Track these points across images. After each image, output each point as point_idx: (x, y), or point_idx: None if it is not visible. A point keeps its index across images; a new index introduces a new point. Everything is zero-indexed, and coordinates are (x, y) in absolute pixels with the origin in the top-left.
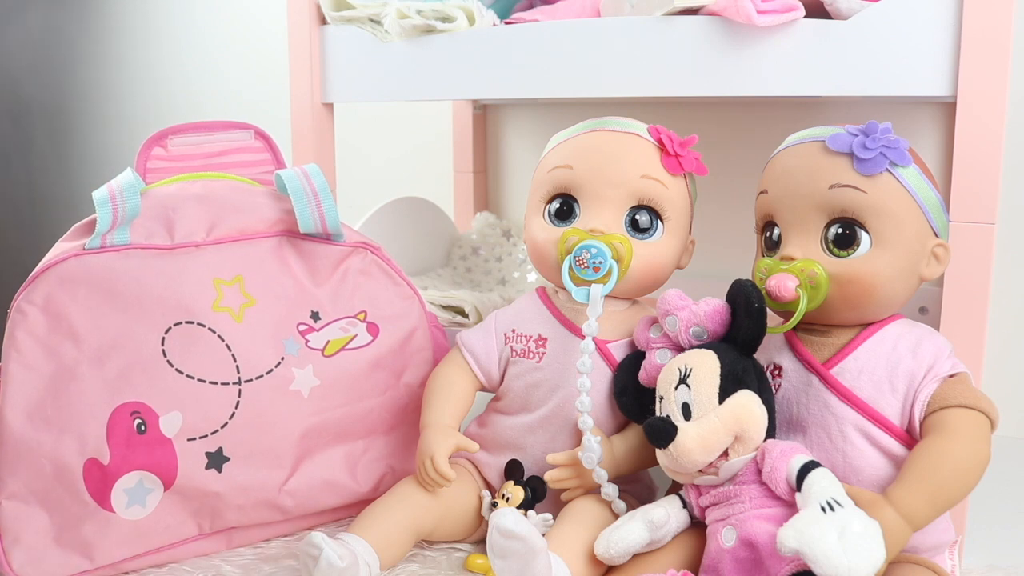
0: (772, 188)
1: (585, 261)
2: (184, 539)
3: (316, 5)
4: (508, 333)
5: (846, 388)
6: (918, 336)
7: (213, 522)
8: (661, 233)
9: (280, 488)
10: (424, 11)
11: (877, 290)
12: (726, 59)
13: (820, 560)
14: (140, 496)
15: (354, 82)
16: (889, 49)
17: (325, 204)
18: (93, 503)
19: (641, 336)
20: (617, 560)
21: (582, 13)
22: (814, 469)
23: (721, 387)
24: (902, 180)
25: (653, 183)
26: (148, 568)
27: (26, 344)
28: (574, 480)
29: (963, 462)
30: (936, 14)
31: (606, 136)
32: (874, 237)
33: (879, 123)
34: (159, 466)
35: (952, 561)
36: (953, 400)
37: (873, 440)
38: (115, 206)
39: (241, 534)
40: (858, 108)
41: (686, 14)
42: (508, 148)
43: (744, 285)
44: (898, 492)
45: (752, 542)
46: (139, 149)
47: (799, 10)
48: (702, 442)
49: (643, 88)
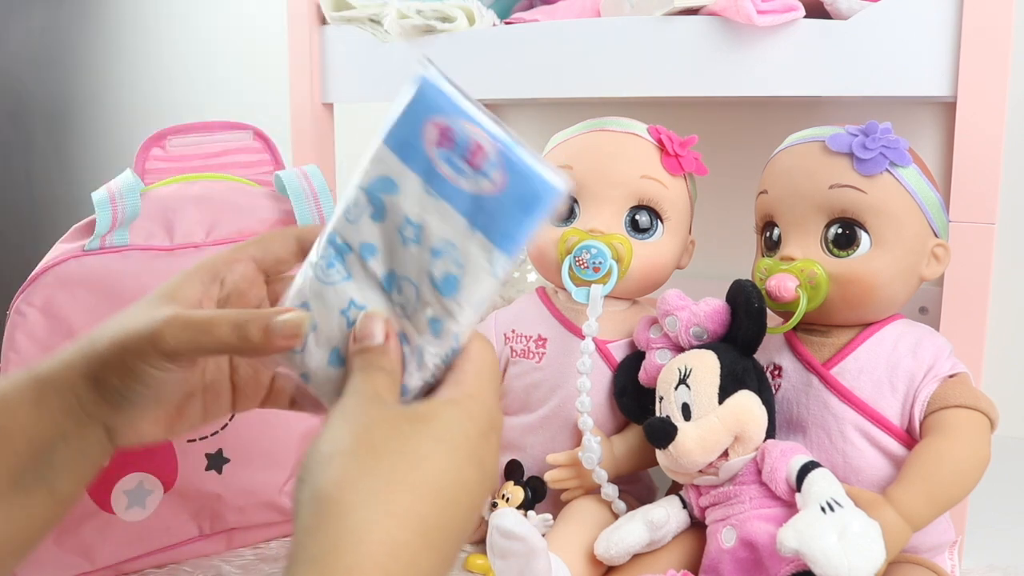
0: (772, 188)
1: (585, 261)
2: (184, 540)
3: (316, 5)
4: (508, 333)
5: (846, 388)
6: (918, 336)
7: (213, 523)
8: (661, 233)
9: (280, 489)
10: (424, 11)
11: (877, 290)
12: (726, 59)
13: (820, 560)
14: (140, 498)
15: (354, 82)
16: (889, 49)
17: (324, 205)
18: (93, 504)
19: (641, 336)
20: (617, 560)
21: (582, 13)
22: (814, 469)
23: (721, 387)
24: (902, 180)
25: (653, 183)
26: (148, 569)
27: (25, 346)
28: (574, 480)
29: (963, 462)
30: (936, 14)
31: (606, 136)
32: (874, 237)
33: (879, 123)
34: (159, 468)
35: (952, 561)
36: (953, 400)
37: (873, 440)
38: (115, 207)
39: (241, 535)
40: (858, 108)
41: (686, 14)
42: None
43: (744, 285)
44: (898, 492)
45: (752, 542)
46: (138, 150)
47: (799, 10)
48: (702, 442)
49: (643, 88)
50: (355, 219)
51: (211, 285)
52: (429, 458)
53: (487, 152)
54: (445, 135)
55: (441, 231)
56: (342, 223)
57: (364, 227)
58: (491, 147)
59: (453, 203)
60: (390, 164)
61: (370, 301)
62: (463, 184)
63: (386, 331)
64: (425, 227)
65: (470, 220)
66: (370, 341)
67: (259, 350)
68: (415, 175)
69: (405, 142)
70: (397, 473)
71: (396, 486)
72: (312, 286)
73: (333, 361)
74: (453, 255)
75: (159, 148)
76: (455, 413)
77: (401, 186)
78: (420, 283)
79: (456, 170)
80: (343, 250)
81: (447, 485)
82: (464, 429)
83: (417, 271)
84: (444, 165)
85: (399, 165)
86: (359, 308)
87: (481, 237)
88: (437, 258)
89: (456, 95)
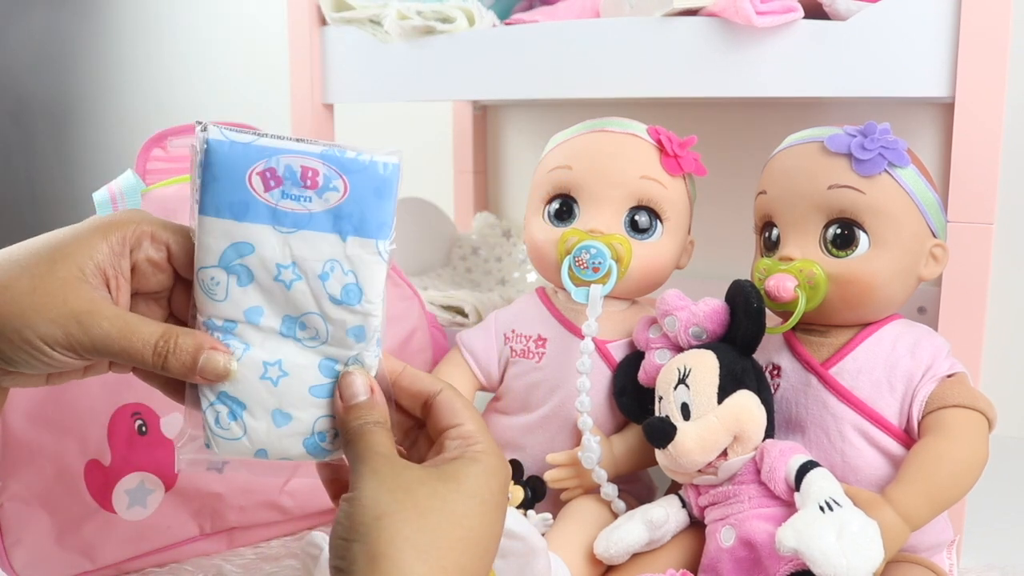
0: (771, 188)
1: (585, 261)
2: (185, 539)
3: (316, 6)
4: (508, 333)
5: (845, 388)
6: (916, 336)
7: (214, 522)
8: (660, 233)
9: (281, 489)
10: (424, 12)
11: (875, 290)
12: (725, 60)
13: (818, 559)
14: (141, 497)
15: (354, 83)
16: (887, 50)
17: None
18: (94, 504)
19: (640, 336)
20: (616, 560)
21: (582, 13)
22: (813, 469)
23: (720, 387)
24: (900, 181)
25: (652, 184)
26: (149, 568)
27: None
28: (574, 480)
29: (961, 462)
30: (934, 15)
31: (605, 137)
32: (872, 238)
33: (877, 124)
34: (160, 467)
35: (950, 560)
36: (951, 400)
37: (871, 440)
38: (116, 207)
39: (242, 534)
40: (857, 109)
41: (685, 15)
42: (508, 148)
43: (743, 285)
44: (896, 492)
45: (751, 542)
46: (139, 150)
47: (798, 11)
48: (701, 442)
49: (643, 88)
50: (223, 297)
51: (121, 257)
52: (468, 516)
53: (318, 170)
54: (270, 177)
55: (318, 255)
56: (212, 306)
57: (237, 297)
58: (319, 164)
59: (314, 228)
60: (231, 230)
61: (279, 354)
62: (313, 207)
63: (369, 384)
64: (300, 262)
65: (338, 232)
66: (357, 399)
67: (176, 377)
68: (263, 226)
69: (233, 204)
70: (442, 531)
71: (443, 542)
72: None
73: (279, 422)
74: (340, 267)
75: (160, 148)
76: (479, 470)
77: (255, 243)
78: (323, 309)
79: (299, 200)
80: (228, 328)
81: (482, 537)
82: (489, 484)
83: (314, 302)
84: (285, 202)
85: (241, 226)
86: (275, 365)
87: (356, 239)
88: (328, 279)
89: (253, 138)
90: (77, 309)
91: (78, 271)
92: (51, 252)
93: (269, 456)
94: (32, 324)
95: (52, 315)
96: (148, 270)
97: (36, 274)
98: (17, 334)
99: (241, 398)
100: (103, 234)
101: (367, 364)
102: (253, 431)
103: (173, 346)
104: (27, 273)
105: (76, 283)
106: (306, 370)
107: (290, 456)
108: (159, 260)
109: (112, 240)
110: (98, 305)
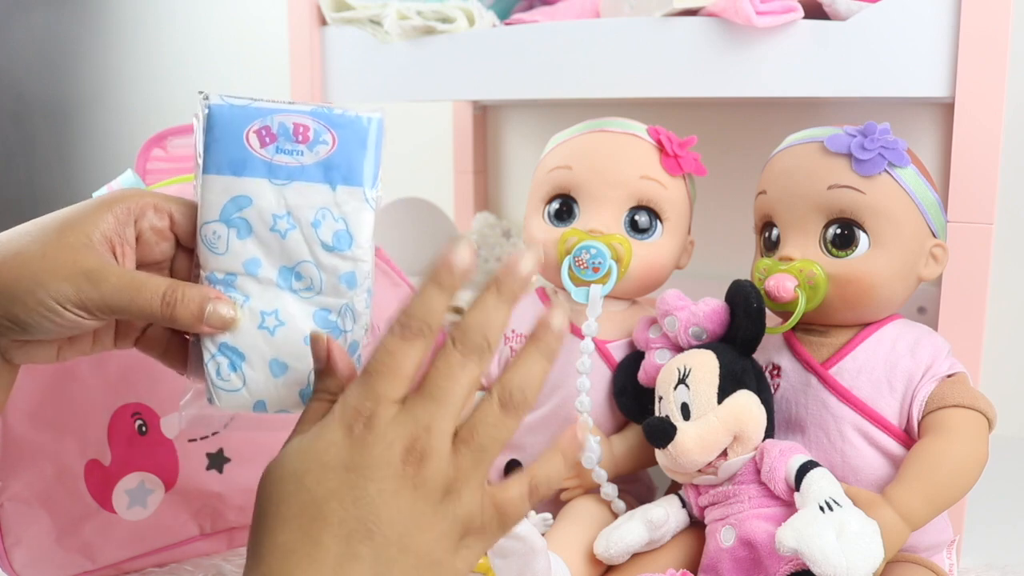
0: (771, 188)
1: (584, 261)
2: (185, 539)
3: (316, 6)
4: (507, 333)
5: (844, 388)
6: (916, 336)
7: (214, 522)
8: (660, 233)
9: None
10: (424, 12)
11: (875, 290)
12: (725, 60)
13: (818, 559)
14: (141, 497)
15: (354, 83)
16: (887, 50)
17: None
18: (94, 504)
19: (640, 336)
20: (616, 560)
21: (582, 14)
22: (813, 469)
23: (720, 387)
24: (900, 181)
25: (652, 184)
26: (149, 568)
27: None
28: (573, 480)
29: (961, 462)
30: (934, 15)
31: (605, 137)
32: (872, 238)
33: (877, 124)
34: (160, 467)
35: (950, 560)
36: (951, 400)
37: (871, 440)
38: None
39: (242, 534)
40: (857, 109)
41: (685, 15)
42: (508, 148)
43: (743, 285)
44: (896, 492)
45: (751, 541)
46: (139, 150)
47: (798, 11)
48: (701, 442)
49: (643, 88)
50: (224, 250)
51: (126, 226)
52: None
53: (308, 126)
54: (265, 134)
55: (310, 204)
56: (213, 260)
57: (236, 249)
58: (309, 120)
59: (306, 179)
60: (230, 186)
61: (276, 304)
62: (305, 160)
63: (326, 351)
64: (294, 211)
65: (328, 181)
66: (320, 364)
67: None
68: (259, 179)
69: (233, 161)
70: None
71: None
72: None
73: (276, 372)
74: (331, 215)
75: (160, 148)
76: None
77: (253, 195)
78: (316, 257)
79: (291, 154)
80: (229, 280)
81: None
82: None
83: (308, 250)
84: (279, 156)
85: (239, 181)
86: (272, 315)
87: (345, 187)
88: (319, 227)
89: (249, 102)
90: (87, 267)
91: (86, 238)
92: (59, 224)
93: (268, 408)
94: (44, 284)
95: (63, 274)
96: (152, 239)
97: (46, 242)
98: (31, 295)
99: (241, 348)
100: (108, 206)
101: (358, 311)
102: (252, 381)
103: (181, 295)
104: (37, 242)
105: (84, 248)
106: (301, 320)
107: (287, 408)
108: (162, 228)
109: (117, 211)
110: (106, 263)
